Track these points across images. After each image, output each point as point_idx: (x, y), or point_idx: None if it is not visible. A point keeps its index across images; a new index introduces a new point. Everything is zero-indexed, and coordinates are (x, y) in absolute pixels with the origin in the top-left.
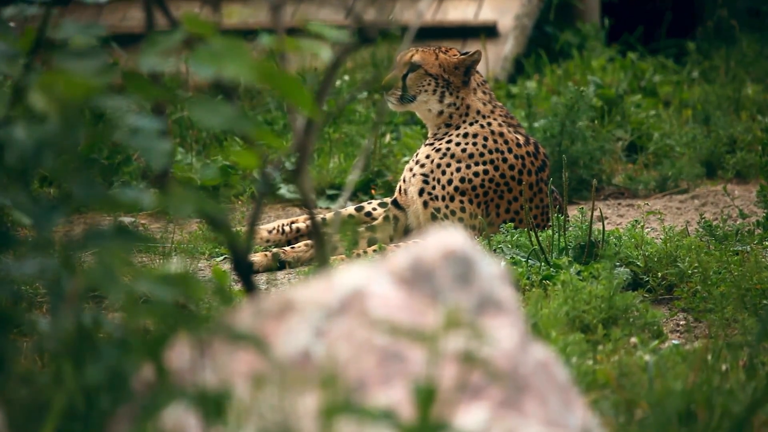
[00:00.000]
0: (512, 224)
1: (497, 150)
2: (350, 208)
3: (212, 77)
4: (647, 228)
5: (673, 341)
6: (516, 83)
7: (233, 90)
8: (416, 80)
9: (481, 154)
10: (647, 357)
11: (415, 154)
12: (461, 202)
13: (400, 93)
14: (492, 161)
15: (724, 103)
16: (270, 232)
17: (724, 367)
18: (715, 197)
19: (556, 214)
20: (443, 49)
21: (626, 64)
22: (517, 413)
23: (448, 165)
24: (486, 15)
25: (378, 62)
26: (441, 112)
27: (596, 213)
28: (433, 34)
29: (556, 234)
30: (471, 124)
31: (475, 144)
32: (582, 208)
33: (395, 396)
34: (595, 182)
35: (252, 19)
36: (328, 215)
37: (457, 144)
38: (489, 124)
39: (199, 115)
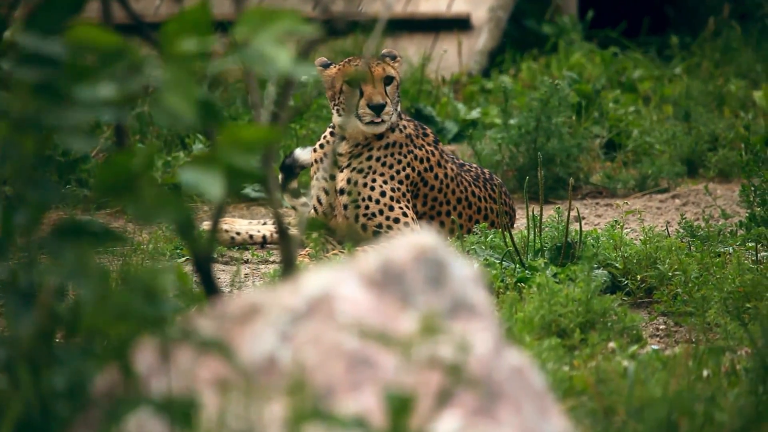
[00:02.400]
0: (485, 224)
1: (409, 152)
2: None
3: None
4: (626, 228)
5: (653, 346)
6: (490, 78)
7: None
8: (393, 94)
9: (399, 161)
10: (626, 363)
11: (320, 173)
12: (401, 208)
13: (392, 110)
14: (408, 164)
15: (706, 98)
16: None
17: (705, 374)
18: (696, 197)
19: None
20: (384, 60)
21: (605, 59)
22: (491, 421)
23: (374, 180)
24: (459, 7)
25: (348, 55)
26: (393, 123)
27: (573, 213)
28: (403, 26)
29: (532, 235)
30: (393, 131)
31: (393, 154)
32: (558, 207)
33: (365, 403)
34: (572, 181)
35: (216, 10)
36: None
37: (378, 159)
38: (405, 126)
39: (164, 118)
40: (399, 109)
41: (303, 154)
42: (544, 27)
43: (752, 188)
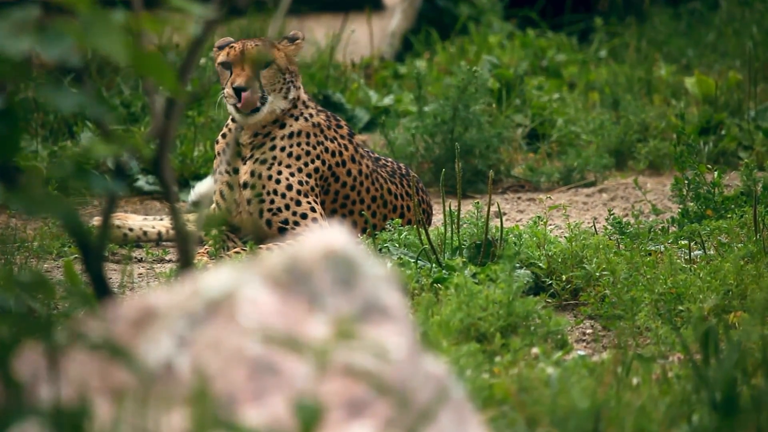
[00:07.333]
0: (399, 220)
1: (319, 143)
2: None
3: (59, 57)
4: (550, 225)
5: (579, 352)
6: (404, 62)
7: (84, 70)
8: (270, 78)
9: (307, 153)
10: (550, 369)
11: (222, 166)
12: (309, 203)
13: (260, 95)
14: (318, 156)
15: (634, 85)
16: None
17: (635, 381)
18: (625, 191)
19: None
20: (265, 41)
21: (527, 42)
22: None
23: (279, 173)
24: None
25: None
26: (283, 111)
27: (493, 208)
28: (311, 6)
29: (449, 231)
30: (296, 119)
31: (299, 144)
32: (478, 202)
33: (270, 412)
34: (492, 174)
35: None
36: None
37: (282, 149)
38: (311, 115)
39: (49, 97)
40: (291, 95)
41: (202, 186)
42: (460, 7)
43: (685, 181)
